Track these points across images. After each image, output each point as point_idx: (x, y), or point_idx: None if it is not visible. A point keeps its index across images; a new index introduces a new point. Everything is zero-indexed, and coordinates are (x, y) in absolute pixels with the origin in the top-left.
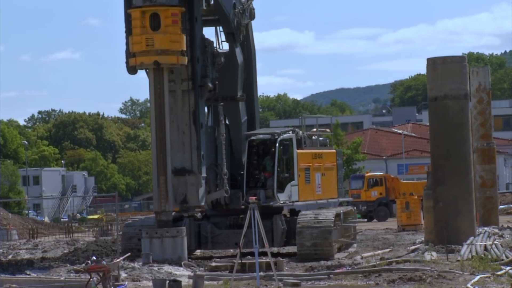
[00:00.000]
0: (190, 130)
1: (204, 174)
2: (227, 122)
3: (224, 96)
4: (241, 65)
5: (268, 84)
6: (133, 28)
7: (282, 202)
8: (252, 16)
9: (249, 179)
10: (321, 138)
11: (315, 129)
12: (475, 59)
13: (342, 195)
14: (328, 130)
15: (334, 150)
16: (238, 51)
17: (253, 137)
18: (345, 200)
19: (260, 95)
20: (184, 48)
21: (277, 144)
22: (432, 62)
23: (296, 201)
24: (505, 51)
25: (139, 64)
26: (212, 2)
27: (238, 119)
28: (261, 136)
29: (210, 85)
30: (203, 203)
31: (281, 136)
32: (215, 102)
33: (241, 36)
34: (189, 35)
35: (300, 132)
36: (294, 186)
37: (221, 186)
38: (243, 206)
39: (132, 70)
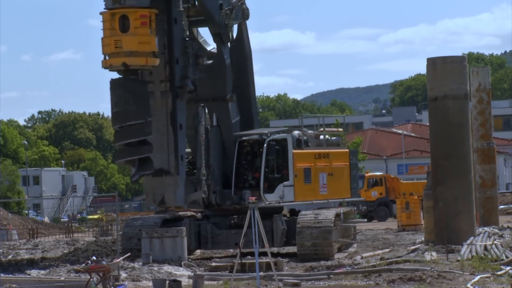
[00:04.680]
0: (168, 131)
1: (182, 175)
2: (218, 123)
3: (213, 97)
4: (229, 65)
5: (269, 84)
6: (103, 30)
7: (267, 202)
8: (245, 16)
9: (240, 179)
10: (333, 138)
11: (322, 129)
12: (475, 59)
13: (357, 195)
14: (341, 129)
15: (346, 150)
16: (226, 51)
17: (243, 138)
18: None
19: (260, 95)
20: (155, 50)
21: (264, 145)
22: (432, 62)
23: (291, 202)
24: (505, 51)
25: (109, 66)
26: (197, 3)
27: (229, 119)
28: (249, 137)
29: (190, 86)
30: (181, 204)
31: (271, 137)
32: (206, 102)
33: (230, 36)
34: (167, 36)
35: (300, 132)
36: (288, 187)
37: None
38: (237, 206)
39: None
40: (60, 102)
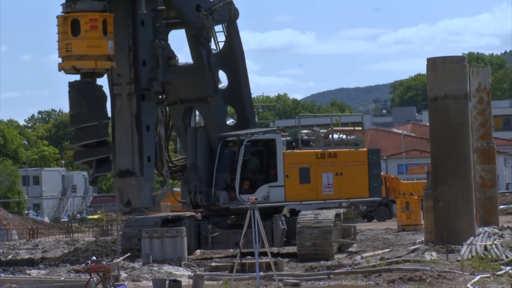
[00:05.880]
0: (133, 132)
1: (148, 176)
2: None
3: (196, 98)
4: (207, 67)
5: (269, 84)
6: (58, 34)
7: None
8: (233, 16)
9: (222, 180)
10: (351, 137)
11: (330, 128)
12: (475, 59)
13: (378, 194)
14: (360, 128)
15: (364, 149)
16: (204, 53)
17: (227, 139)
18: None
19: (260, 95)
20: (108, 53)
21: (242, 146)
22: (432, 62)
23: (281, 202)
24: (505, 51)
25: (61, 69)
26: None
27: (212, 120)
28: (230, 138)
29: (156, 87)
30: (148, 205)
31: (253, 137)
32: (190, 103)
33: (210, 37)
34: (132, 39)
35: (302, 132)
36: (276, 187)
37: (192, 188)
38: (215, 207)
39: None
40: (60, 102)
